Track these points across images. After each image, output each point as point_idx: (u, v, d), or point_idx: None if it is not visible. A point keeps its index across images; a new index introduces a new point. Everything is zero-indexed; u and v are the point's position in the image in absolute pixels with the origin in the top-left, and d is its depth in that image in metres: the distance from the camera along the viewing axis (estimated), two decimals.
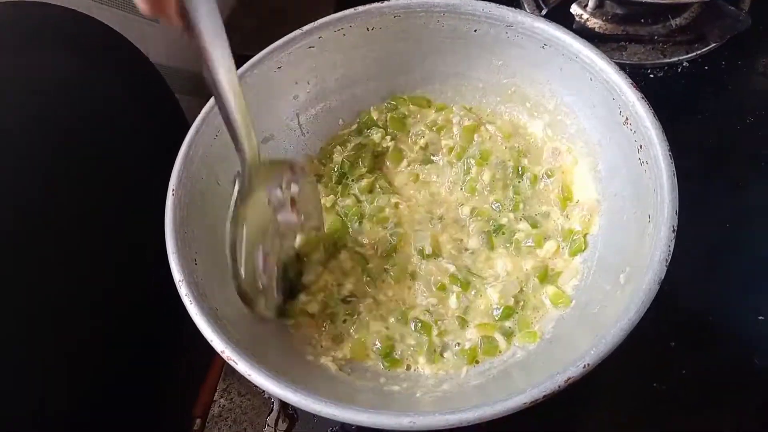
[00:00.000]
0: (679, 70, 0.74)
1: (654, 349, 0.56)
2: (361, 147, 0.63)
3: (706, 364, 0.56)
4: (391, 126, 0.64)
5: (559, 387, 0.38)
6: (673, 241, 0.42)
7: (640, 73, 0.74)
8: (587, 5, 0.77)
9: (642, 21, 0.76)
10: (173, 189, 0.50)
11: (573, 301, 0.51)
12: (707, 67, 0.74)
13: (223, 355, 0.42)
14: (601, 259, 0.52)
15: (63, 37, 0.54)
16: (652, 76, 0.74)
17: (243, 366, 0.41)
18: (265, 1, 0.88)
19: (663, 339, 0.57)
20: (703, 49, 0.74)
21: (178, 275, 0.46)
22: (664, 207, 0.44)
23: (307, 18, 0.60)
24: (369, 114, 0.65)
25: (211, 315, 0.44)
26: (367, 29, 0.60)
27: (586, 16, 0.77)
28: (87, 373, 0.54)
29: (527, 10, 0.78)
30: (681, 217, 0.43)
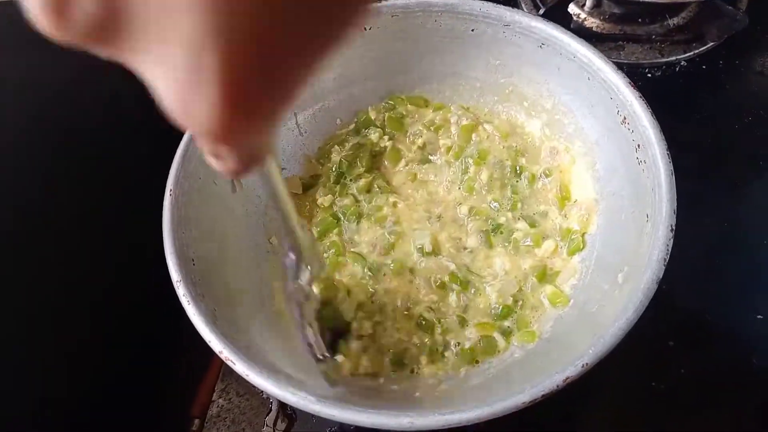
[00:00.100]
0: (677, 69, 0.74)
1: (652, 349, 0.56)
2: (359, 147, 0.63)
3: (704, 363, 0.56)
4: (389, 126, 0.64)
5: (558, 386, 0.38)
6: (672, 241, 0.42)
7: (637, 73, 0.74)
8: (585, 5, 0.77)
9: (639, 20, 0.76)
10: (171, 189, 0.50)
11: (571, 301, 0.51)
12: (705, 67, 0.74)
13: (221, 356, 0.42)
14: (600, 259, 0.52)
15: None
16: (649, 75, 0.74)
17: (241, 366, 0.41)
18: None
19: (661, 338, 0.57)
20: (701, 49, 0.74)
21: (175, 275, 0.46)
22: (662, 206, 0.44)
23: None
24: (367, 114, 0.65)
25: (209, 315, 0.44)
26: (365, 28, 0.60)
27: (583, 15, 0.77)
28: (86, 373, 0.54)
29: (525, 9, 0.78)
30: (679, 217, 0.43)
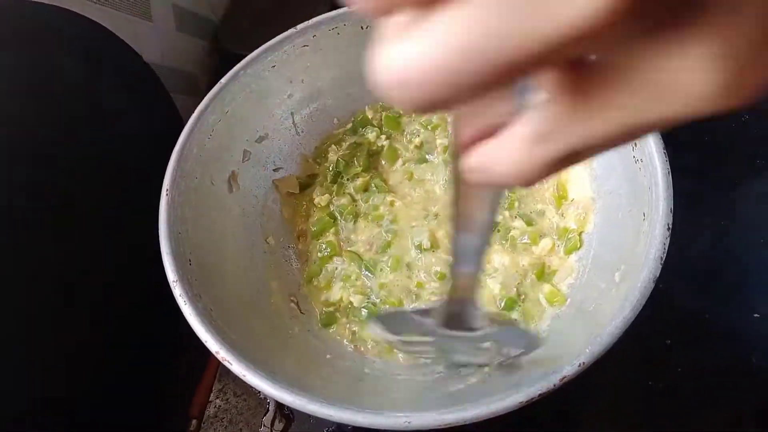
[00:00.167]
0: None
1: (650, 347, 0.56)
2: (356, 146, 0.63)
3: (702, 362, 0.56)
4: (386, 125, 0.64)
5: (555, 385, 0.38)
6: (668, 239, 0.42)
7: None
8: None
9: None
10: (167, 189, 0.50)
11: (568, 300, 0.51)
12: None
13: (218, 356, 0.42)
14: (597, 258, 0.52)
15: (56, 37, 0.54)
16: None
17: (238, 367, 0.41)
18: (261, 1, 0.87)
19: (659, 337, 0.57)
20: None
21: (172, 275, 0.46)
22: (659, 205, 0.44)
23: (301, 16, 0.60)
24: (364, 113, 0.65)
25: (206, 315, 0.44)
26: (362, 27, 0.60)
27: None
28: (84, 373, 0.54)
29: None
30: (676, 215, 0.43)
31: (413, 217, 0.59)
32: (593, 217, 0.54)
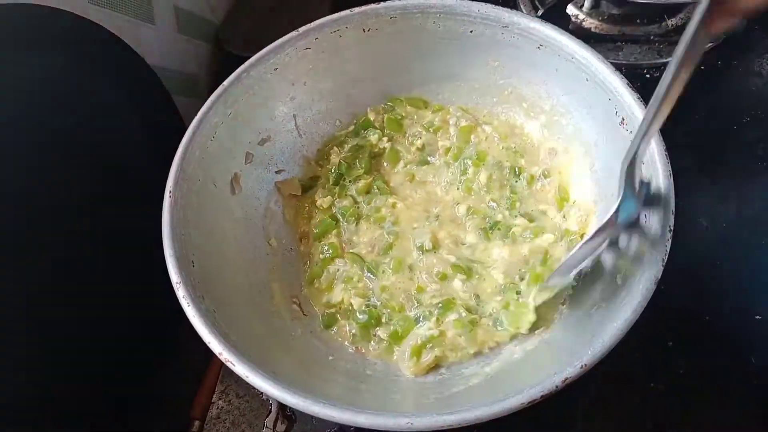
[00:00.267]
0: None
1: (651, 349, 0.56)
2: (358, 148, 0.63)
3: (703, 363, 0.56)
4: (388, 127, 0.65)
5: (557, 387, 0.38)
6: (670, 241, 0.42)
7: (636, 74, 0.74)
8: (583, 6, 0.77)
9: (638, 21, 0.76)
10: (170, 191, 0.50)
11: (570, 302, 0.51)
12: (703, 67, 0.74)
13: (221, 357, 0.42)
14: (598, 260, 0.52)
15: (58, 39, 0.54)
16: (648, 76, 0.74)
17: (241, 368, 0.41)
18: (262, 3, 0.88)
19: (660, 339, 0.57)
20: None
21: (175, 277, 0.46)
22: (660, 207, 0.44)
23: (303, 19, 0.60)
24: (366, 115, 0.65)
25: (209, 317, 0.44)
26: (363, 30, 0.60)
27: (582, 16, 0.77)
28: (87, 374, 0.54)
29: (523, 10, 0.79)
30: (677, 217, 0.43)
31: (414, 219, 0.59)
32: (595, 220, 0.54)
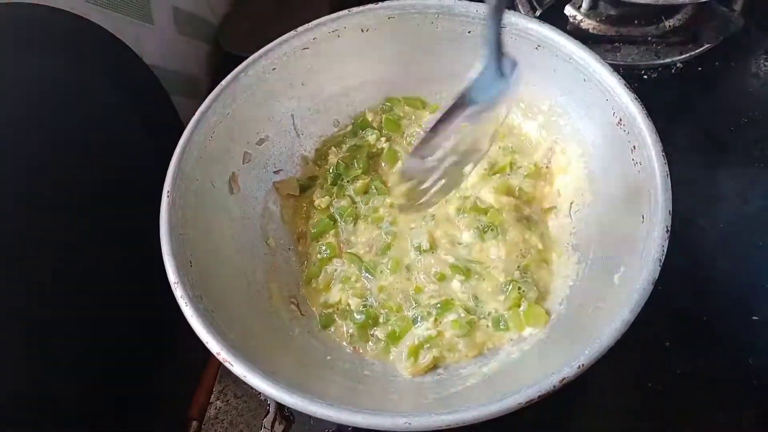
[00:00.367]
0: (673, 71, 0.75)
1: (648, 349, 0.57)
2: (356, 148, 0.64)
3: (700, 364, 0.56)
4: (386, 127, 0.65)
5: (554, 387, 0.38)
6: (667, 242, 0.43)
7: (633, 74, 0.74)
8: (581, 6, 0.77)
9: (635, 22, 0.76)
10: (168, 191, 0.50)
11: (567, 302, 0.51)
12: (700, 68, 0.74)
13: (219, 357, 0.42)
14: (596, 260, 0.52)
15: (57, 39, 0.54)
16: (645, 77, 0.75)
17: (239, 368, 0.41)
18: (260, 3, 0.88)
19: (657, 339, 0.57)
20: (697, 50, 0.74)
21: (173, 277, 0.46)
22: (657, 207, 0.44)
23: (302, 19, 0.60)
24: (364, 115, 0.66)
25: (207, 317, 0.44)
26: (362, 30, 0.60)
27: (579, 17, 0.77)
28: (85, 374, 0.54)
29: (521, 11, 0.79)
30: (675, 218, 0.43)
31: (412, 219, 0.59)
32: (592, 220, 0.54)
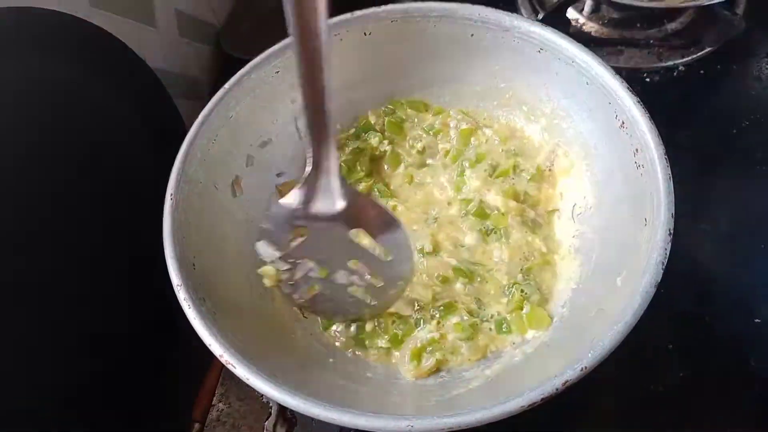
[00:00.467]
0: (675, 74, 0.75)
1: (651, 352, 0.57)
2: (359, 151, 0.63)
3: (703, 366, 0.56)
4: (389, 130, 0.65)
5: (557, 390, 0.38)
6: (670, 245, 0.43)
7: (636, 77, 0.74)
8: (583, 9, 0.77)
9: (638, 25, 0.76)
10: (171, 193, 0.50)
11: (570, 305, 0.51)
12: (703, 71, 0.74)
13: (222, 359, 0.42)
14: (599, 263, 0.52)
15: (59, 42, 0.54)
16: (648, 80, 0.75)
17: (241, 370, 0.41)
18: (263, 5, 0.88)
19: (660, 341, 0.57)
20: (699, 54, 0.75)
21: (176, 279, 0.46)
22: (660, 210, 0.44)
23: None
24: (366, 118, 0.66)
25: (210, 319, 0.44)
26: (364, 34, 0.60)
27: (582, 20, 0.77)
28: (87, 376, 0.54)
29: (524, 14, 0.79)
30: (677, 221, 0.43)
31: (414, 221, 0.59)
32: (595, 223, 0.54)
